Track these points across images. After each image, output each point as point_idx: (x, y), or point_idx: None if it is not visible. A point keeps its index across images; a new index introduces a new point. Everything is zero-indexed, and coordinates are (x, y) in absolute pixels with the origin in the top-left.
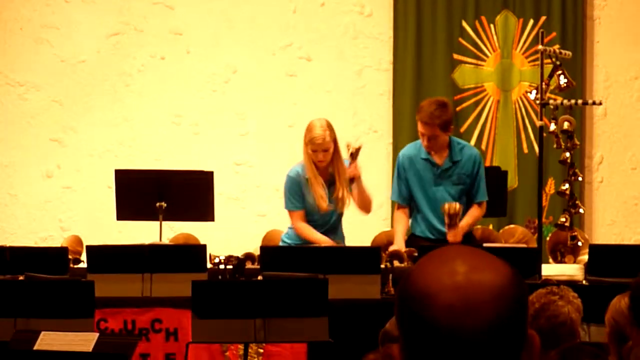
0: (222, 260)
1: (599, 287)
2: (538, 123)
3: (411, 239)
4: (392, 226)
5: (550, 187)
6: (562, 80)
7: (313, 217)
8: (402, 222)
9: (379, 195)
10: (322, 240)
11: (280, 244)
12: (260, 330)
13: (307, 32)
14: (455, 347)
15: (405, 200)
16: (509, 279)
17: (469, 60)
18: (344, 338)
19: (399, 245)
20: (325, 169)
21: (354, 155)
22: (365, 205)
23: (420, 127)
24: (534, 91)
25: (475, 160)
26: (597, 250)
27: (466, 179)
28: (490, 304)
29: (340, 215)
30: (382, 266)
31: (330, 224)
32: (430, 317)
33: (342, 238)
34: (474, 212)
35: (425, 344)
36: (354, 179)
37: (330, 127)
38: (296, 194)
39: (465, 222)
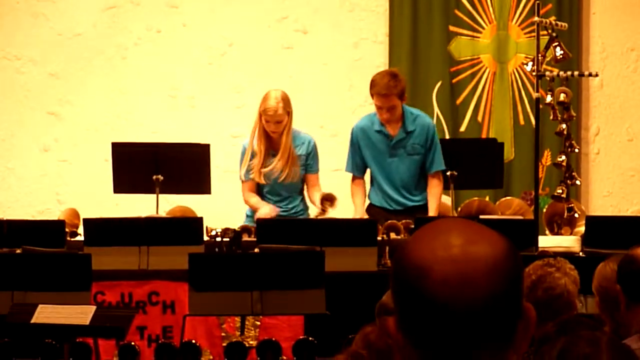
0: (219, 233)
1: (595, 259)
2: (534, 95)
3: (369, 209)
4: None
5: (546, 159)
6: (558, 52)
7: (264, 186)
8: (359, 193)
9: None
10: (257, 204)
11: (245, 220)
12: (257, 302)
13: (303, 5)
14: (450, 320)
15: (360, 171)
16: (504, 251)
17: (465, 32)
18: (341, 310)
19: (360, 215)
20: (278, 140)
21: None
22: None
23: (377, 101)
24: (530, 63)
25: (429, 130)
26: (593, 222)
27: (420, 149)
28: (485, 276)
29: (293, 186)
30: (379, 238)
31: (282, 195)
32: (426, 290)
33: (303, 209)
34: (436, 190)
35: (421, 317)
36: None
37: (285, 99)
38: (242, 164)
39: (434, 206)
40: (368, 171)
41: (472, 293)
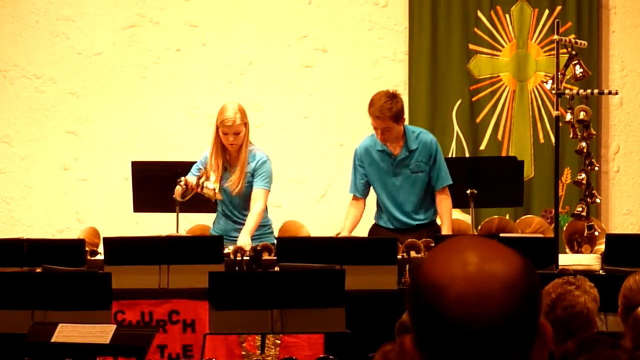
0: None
1: (615, 277)
2: (554, 113)
3: (375, 229)
4: None
5: (566, 177)
6: (578, 70)
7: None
8: (353, 213)
9: None
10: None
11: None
12: (278, 321)
13: (322, 24)
14: (466, 338)
15: (361, 192)
16: (520, 269)
17: (485, 50)
18: (361, 329)
19: (345, 232)
20: (236, 153)
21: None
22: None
23: (372, 122)
24: (550, 81)
25: (432, 146)
26: (613, 240)
27: (424, 166)
28: (501, 294)
29: (244, 198)
30: (399, 257)
31: (235, 206)
32: (441, 308)
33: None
34: (446, 206)
35: (437, 335)
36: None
37: (242, 110)
38: (195, 172)
39: (447, 222)
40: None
41: (487, 311)
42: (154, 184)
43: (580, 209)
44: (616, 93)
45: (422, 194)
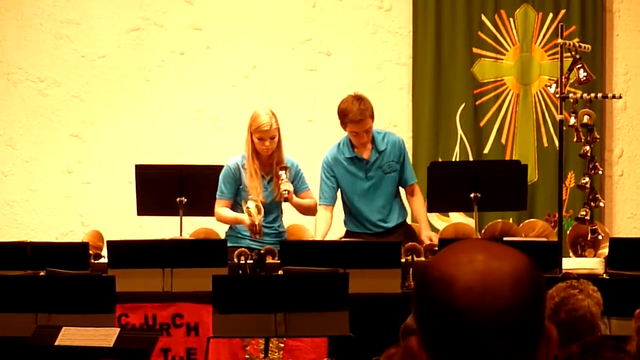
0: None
1: (619, 281)
2: (558, 117)
3: (348, 236)
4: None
5: (570, 181)
6: (582, 74)
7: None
8: (325, 221)
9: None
10: (238, 216)
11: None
12: (281, 324)
13: (326, 27)
14: (474, 330)
15: (329, 200)
16: (527, 267)
17: (489, 54)
18: (365, 332)
19: (319, 236)
20: (269, 159)
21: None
22: (307, 213)
23: (353, 128)
24: (554, 85)
25: (401, 145)
26: (617, 244)
27: (395, 165)
28: (509, 287)
29: (279, 206)
30: (403, 260)
31: (270, 216)
32: (450, 298)
33: (282, 232)
34: (418, 205)
35: (444, 329)
36: (287, 199)
37: (274, 114)
38: (229, 184)
39: (426, 222)
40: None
41: (495, 302)
42: (158, 187)
43: (584, 213)
44: (620, 97)
45: (394, 194)
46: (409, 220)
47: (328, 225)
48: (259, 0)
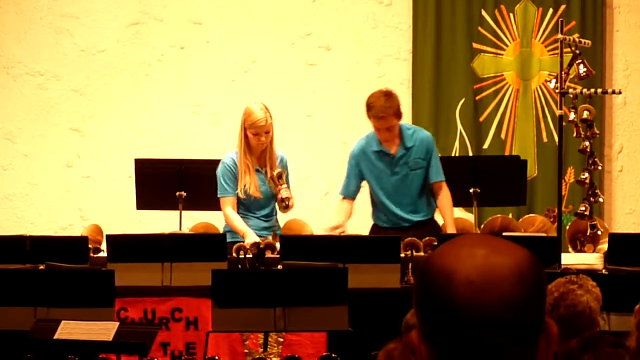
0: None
1: (618, 276)
2: (557, 112)
3: (375, 230)
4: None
5: (569, 176)
6: (582, 69)
7: (248, 204)
8: (343, 212)
9: None
10: (246, 232)
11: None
12: (280, 319)
13: (326, 22)
14: (473, 323)
15: (351, 194)
16: (527, 261)
17: (489, 49)
18: (364, 327)
19: (335, 223)
20: (263, 154)
21: (275, 180)
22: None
23: (375, 123)
24: (554, 80)
25: (429, 143)
26: (616, 239)
27: (422, 162)
28: (509, 281)
29: (274, 200)
30: (402, 255)
31: (266, 209)
32: (450, 293)
33: (277, 226)
34: (447, 200)
35: (444, 322)
36: (287, 206)
37: (267, 109)
38: (229, 180)
39: (450, 220)
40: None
41: (496, 296)
42: (157, 181)
43: (583, 208)
44: (620, 92)
45: (420, 190)
46: (438, 216)
47: (344, 217)
48: None
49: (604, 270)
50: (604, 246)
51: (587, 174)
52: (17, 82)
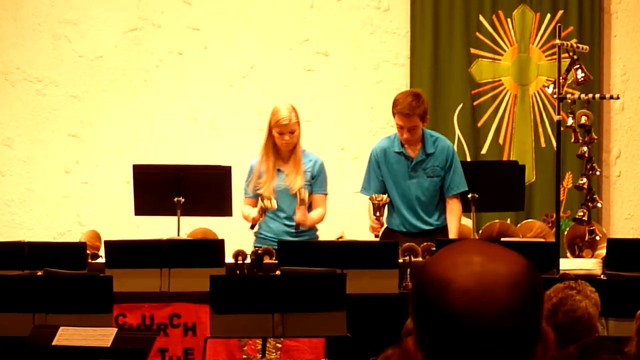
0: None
1: (616, 282)
2: (555, 117)
3: (386, 233)
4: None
5: (568, 182)
6: (580, 75)
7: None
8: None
9: None
10: (250, 213)
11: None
12: (279, 325)
13: (324, 27)
14: (469, 333)
15: (374, 192)
16: (524, 269)
17: (486, 54)
18: (362, 333)
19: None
20: (288, 154)
21: (303, 201)
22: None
23: (399, 120)
24: (551, 85)
25: (449, 152)
26: (615, 245)
27: (440, 171)
28: (505, 290)
29: (293, 199)
30: (400, 261)
31: (286, 212)
32: (446, 301)
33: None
34: (456, 212)
35: (440, 331)
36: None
37: (295, 109)
38: (248, 181)
39: (455, 228)
40: None
41: (492, 305)
42: (156, 187)
43: (582, 214)
44: (618, 98)
45: (435, 198)
46: None
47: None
48: (257, 1)
49: (602, 276)
50: (602, 251)
51: (585, 179)
52: (15, 88)
